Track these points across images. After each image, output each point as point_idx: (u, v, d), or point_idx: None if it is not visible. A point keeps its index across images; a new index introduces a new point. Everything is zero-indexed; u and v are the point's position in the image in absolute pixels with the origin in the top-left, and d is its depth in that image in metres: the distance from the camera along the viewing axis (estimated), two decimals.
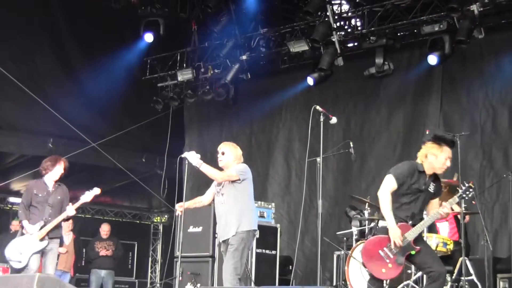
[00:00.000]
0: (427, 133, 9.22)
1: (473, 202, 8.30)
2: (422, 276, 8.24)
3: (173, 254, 9.39)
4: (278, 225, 10.29)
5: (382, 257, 6.02)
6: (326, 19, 11.39)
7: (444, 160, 6.16)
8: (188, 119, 14.63)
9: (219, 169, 7.30)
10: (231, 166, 7.23)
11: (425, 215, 6.69)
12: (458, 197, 6.24)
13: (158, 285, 14.61)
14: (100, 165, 13.26)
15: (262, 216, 10.04)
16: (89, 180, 13.45)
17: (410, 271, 8.04)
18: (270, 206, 10.37)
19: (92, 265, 12.47)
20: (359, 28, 11.43)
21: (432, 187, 6.21)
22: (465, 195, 6.22)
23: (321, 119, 7.36)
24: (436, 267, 6.04)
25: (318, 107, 7.44)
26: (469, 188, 6.18)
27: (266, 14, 12.63)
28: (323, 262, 8.94)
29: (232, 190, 7.16)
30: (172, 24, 13.15)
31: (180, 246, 7.52)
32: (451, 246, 8.41)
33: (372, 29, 11.16)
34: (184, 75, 13.15)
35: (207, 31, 13.14)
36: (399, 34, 11.43)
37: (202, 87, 13.25)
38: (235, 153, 7.33)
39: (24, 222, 8.18)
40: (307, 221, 11.66)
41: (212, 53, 13.14)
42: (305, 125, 10.68)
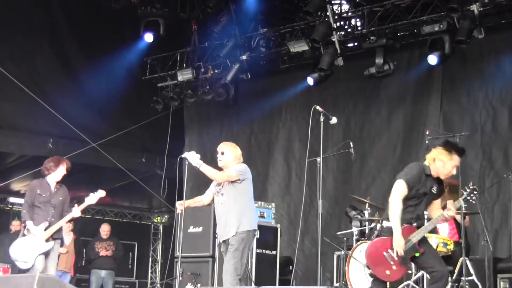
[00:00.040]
0: (427, 133, 9.31)
1: (473, 202, 8.29)
2: (422, 276, 8.25)
3: (173, 254, 9.40)
4: (278, 225, 10.29)
5: (387, 259, 6.00)
6: (326, 19, 11.38)
7: (451, 168, 6.13)
8: (188, 119, 14.62)
9: (219, 169, 7.30)
10: (231, 166, 7.22)
11: (425, 215, 6.68)
12: (463, 200, 6.20)
13: (158, 285, 14.60)
14: (100, 165, 13.24)
15: (262, 216, 10.04)
16: (89, 180, 13.50)
17: (410, 271, 8.03)
18: (270, 206, 10.36)
19: (92, 265, 12.46)
20: (359, 28, 11.43)
21: (435, 188, 6.19)
22: (469, 198, 6.20)
23: (321, 119, 7.35)
24: (439, 268, 6.03)
25: (318, 107, 7.44)
26: (473, 191, 6.15)
27: (266, 14, 12.62)
28: (323, 262, 8.92)
29: (232, 190, 7.15)
30: (172, 24, 13.14)
31: (181, 246, 7.52)
32: (451, 247, 8.41)
33: (372, 29, 11.16)
34: (184, 75, 13.14)
35: (207, 31, 13.13)
36: (399, 34, 11.42)
37: (202, 87, 13.23)
38: (234, 153, 7.32)
39: (29, 223, 8.08)
40: (307, 221, 11.66)
41: (212, 53, 13.13)
42: (305, 125, 10.68)
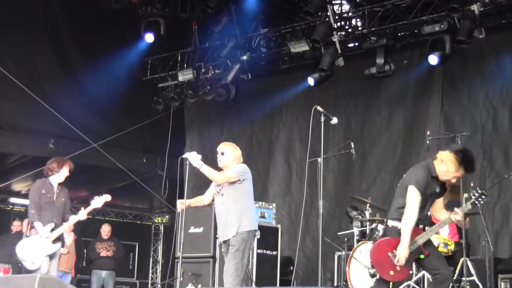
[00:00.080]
0: (428, 133, 9.30)
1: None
2: (423, 277, 8.24)
3: (174, 254, 9.40)
4: (279, 226, 10.28)
5: (391, 259, 5.99)
6: (327, 19, 11.38)
7: (451, 177, 6.11)
8: (188, 120, 14.62)
9: (219, 169, 7.30)
10: (231, 166, 7.22)
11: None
12: (471, 204, 6.17)
13: (159, 285, 14.61)
14: (101, 165, 13.23)
15: (263, 216, 10.04)
16: (90, 181, 13.52)
17: (411, 272, 8.03)
18: (271, 207, 10.36)
19: (93, 265, 12.46)
20: (359, 28, 11.42)
21: (438, 188, 6.18)
22: (477, 202, 6.17)
23: (322, 120, 7.35)
24: (443, 270, 6.02)
25: (318, 108, 7.44)
26: (482, 195, 6.12)
27: (266, 14, 12.62)
28: (324, 262, 8.90)
29: (232, 190, 7.14)
30: (173, 24, 13.14)
31: (181, 246, 7.51)
32: (452, 247, 8.41)
33: (373, 29, 11.15)
34: (185, 75, 13.14)
35: (208, 31, 13.13)
36: (399, 34, 11.42)
37: (203, 87, 13.22)
38: (234, 153, 7.32)
39: (37, 224, 8.03)
40: (308, 222, 11.65)
41: (213, 53, 13.13)
42: (306, 125, 10.69)
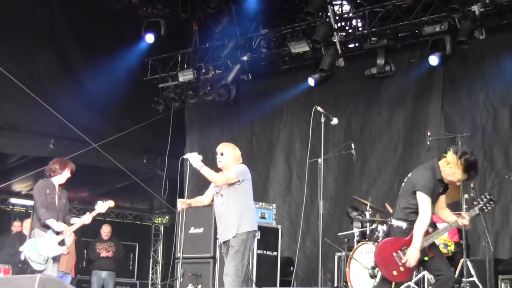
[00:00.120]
0: (428, 134, 9.30)
1: (474, 203, 8.28)
2: (423, 278, 8.24)
3: (174, 255, 9.39)
4: (279, 226, 10.28)
5: (395, 260, 5.98)
6: (327, 19, 11.37)
7: (456, 180, 6.10)
8: (189, 120, 14.62)
9: (219, 170, 7.30)
10: (230, 166, 7.22)
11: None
12: (478, 209, 6.16)
13: (159, 286, 14.62)
14: (101, 166, 13.22)
15: (263, 217, 10.04)
16: (90, 181, 13.52)
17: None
18: (271, 207, 10.36)
19: (93, 266, 12.46)
20: (360, 29, 11.41)
21: (441, 188, 6.17)
22: (485, 208, 6.16)
23: (322, 120, 7.35)
24: (446, 272, 6.01)
25: (319, 108, 7.43)
26: (490, 201, 6.10)
27: (267, 14, 12.61)
28: (324, 263, 8.91)
29: (231, 191, 7.14)
30: (173, 25, 13.13)
31: (182, 247, 7.51)
32: (452, 247, 8.41)
33: (373, 29, 11.14)
34: (185, 76, 13.14)
35: (208, 32, 13.13)
36: (400, 35, 11.40)
37: (203, 87, 13.22)
38: (233, 153, 7.31)
39: (51, 221, 8.02)
40: (308, 222, 11.65)
41: (213, 53, 13.12)
42: (306, 126, 10.69)
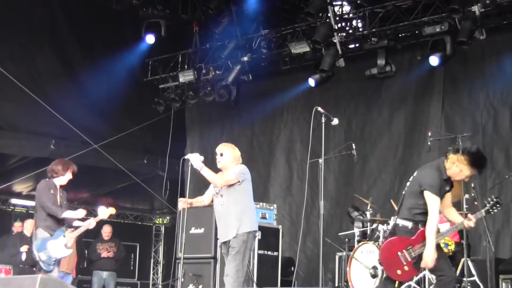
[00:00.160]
0: (429, 134, 9.30)
1: (475, 203, 8.30)
2: (423, 277, 8.25)
3: (175, 255, 9.40)
4: (280, 226, 10.29)
5: (400, 259, 5.97)
6: (327, 20, 11.37)
7: (464, 177, 6.11)
8: (189, 121, 14.63)
9: (219, 170, 7.30)
10: (230, 167, 7.21)
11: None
12: (485, 212, 6.16)
13: (160, 286, 14.62)
14: (102, 166, 13.22)
15: (264, 217, 10.04)
16: (91, 182, 13.52)
17: None
18: (272, 208, 10.36)
19: (94, 266, 12.46)
20: (360, 29, 11.41)
21: (448, 187, 6.16)
22: (491, 210, 6.16)
23: (323, 121, 7.35)
24: (448, 273, 5.99)
25: (319, 108, 7.43)
26: (496, 204, 6.10)
27: (267, 15, 12.62)
28: (325, 263, 8.92)
29: (231, 191, 7.13)
30: (174, 26, 13.14)
31: (183, 247, 7.51)
32: (452, 247, 8.41)
33: (373, 30, 11.14)
34: (186, 77, 13.14)
35: (209, 33, 13.14)
36: (400, 35, 11.40)
37: (204, 88, 13.22)
38: (233, 154, 7.30)
39: (67, 212, 8.06)
40: (308, 222, 11.66)
41: (214, 54, 13.13)
42: (307, 126, 10.70)
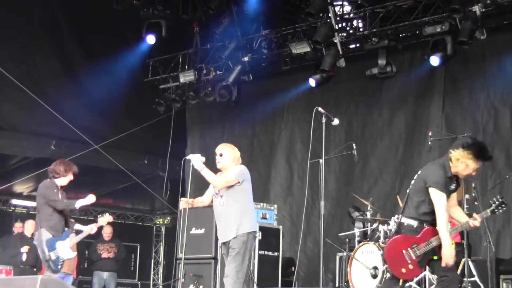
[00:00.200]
0: (430, 134, 9.30)
1: (476, 203, 8.29)
2: (424, 278, 8.24)
3: (176, 256, 9.39)
4: (280, 227, 10.29)
5: (405, 257, 5.94)
6: (328, 20, 11.37)
7: (472, 171, 6.05)
8: (190, 121, 14.64)
9: (219, 170, 7.29)
10: (229, 167, 7.19)
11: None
12: (490, 211, 6.15)
13: (160, 287, 14.62)
14: (102, 167, 13.23)
15: (264, 217, 10.04)
16: (92, 182, 13.49)
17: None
18: (272, 208, 10.35)
19: (94, 267, 12.46)
20: (361, 30, 11.42)
21: (453, 185, 6.11)
22: (497, 210, 6.15)
23: (323, 121, 7.34)
24: (451, 274, 5.96)
25: (320, 109, 7.42)
26: (501, 204, 6.08)
27: (267, 15, 12.63)
28: (326, 263, 8.93)
29: (231, 192, 7.11)
30: (174, 26, 13.14)
31: (184, 248, 7.50)
32: (453, 247, 8.39)
33: (374, 30, 11.14)
34: (186, 77, 13.14)
35: (209, 33, 13.15)
36: (401, 35, 11.40)
37: (204, 88, 13.23)
38: (233, 154, 7.28)
39: (79, 201, 8.14)
40: (309, 223, 11.67)
41: (214, 54, 13.14)
42: (307, 126, 10.68)
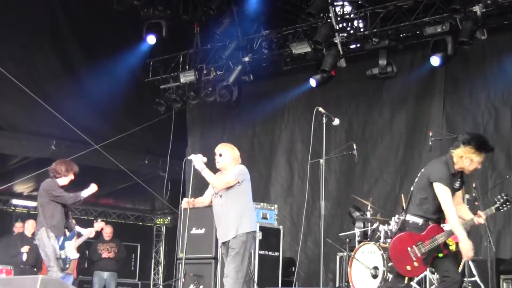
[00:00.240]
0: (430, 134, 9.30)
1: (476, 203, 8.29)
2: (424, 277, 8.25)
3: (176, 256, 9.39)
4: (280, 227, 10.29)
5: (410, 255, 5.93)
6: (329, 20, 11.36)
7: (477, 165, 6.05)
8: (190, 121, 14.64)
9: (218, 170, 7.29)
10: (229, 167, 7.18)
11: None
12: (495, 209, 6.15)
13: (161, 287, 14.62)
14: (103, 167, 13.22)
15: (265, 217, 10.04)
16: (92, 182, 13.50)
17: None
18: (272, 208, 10.36)
19: (95, 267, 12.46)
20: (361, 30, 11.42)
21: (457, 183, 6.11)
22: (501, 208, 6.14)
23: (324, 121, 7.34)
24: (453, 274, 5.95)
25: (320, 109, 7.43)
26: (506, 201, 6.08)
27: (268, 15, 12.62)
28: (326, 263, 8.93)
29: (230, 192, 7.10)
30: (175, 26, 13.14)
31: (184, 247, 7.50)
32: (453, 247, 8.38)
33: (375, 30, 11.13)
34: (187, 77, 13.14)
35: (210, 33, 13.15)
36: (401, 36, 11.39)
37: (205, 89, 13.22)
38: (232, 154, 7.27)
39: (85, 191, 8.44)
40: (309, 223, 11.67)
41: (215, 55, 13.14)
42: (308, 126, 10.68)
